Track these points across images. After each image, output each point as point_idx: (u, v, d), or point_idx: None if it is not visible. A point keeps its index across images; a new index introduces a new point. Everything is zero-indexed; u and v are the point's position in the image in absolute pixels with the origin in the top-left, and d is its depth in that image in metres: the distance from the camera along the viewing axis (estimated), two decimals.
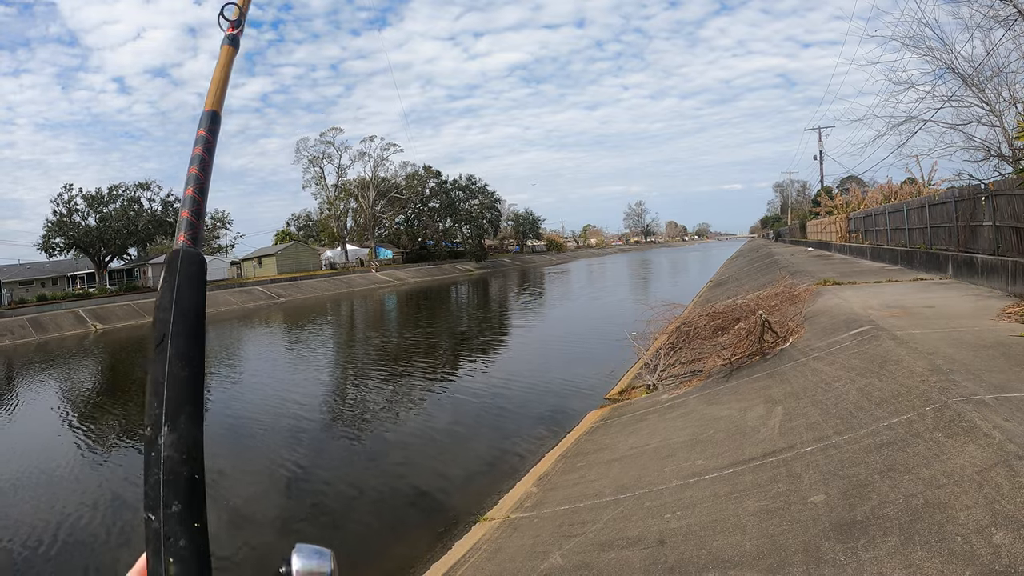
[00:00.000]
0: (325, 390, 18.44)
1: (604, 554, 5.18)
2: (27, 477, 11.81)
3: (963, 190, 16.10)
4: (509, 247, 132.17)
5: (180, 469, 1.01)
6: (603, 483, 7.26)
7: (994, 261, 13.00)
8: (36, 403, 20.05)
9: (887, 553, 3.69)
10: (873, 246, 27.35)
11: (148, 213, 64.65)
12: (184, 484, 1.00)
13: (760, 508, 4.94)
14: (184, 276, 1.18)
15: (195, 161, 1.38)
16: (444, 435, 12.48)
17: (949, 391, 5.63)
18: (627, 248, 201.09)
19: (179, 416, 1.05)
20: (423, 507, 9.01)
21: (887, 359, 7.39)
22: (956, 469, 4.31)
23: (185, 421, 1.05)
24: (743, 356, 10.64)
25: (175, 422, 1.04)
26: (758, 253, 54.01)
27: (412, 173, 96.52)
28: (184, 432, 1.04)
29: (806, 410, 6.87)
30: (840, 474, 4.96)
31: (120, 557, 8.19)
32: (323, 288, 66.56)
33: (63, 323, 44.44)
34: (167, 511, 0.97)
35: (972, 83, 15.72)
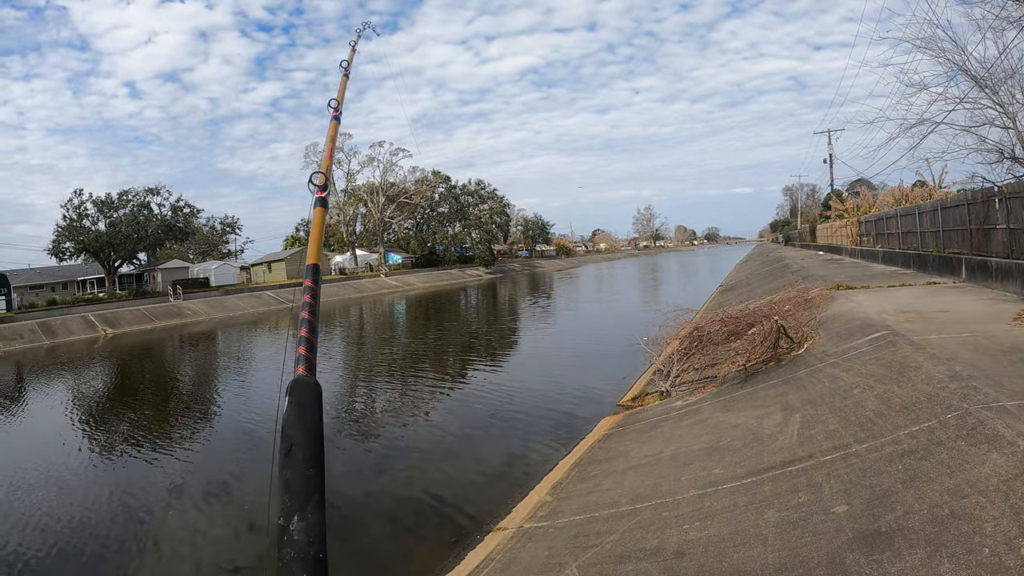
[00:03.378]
0: (335, 397, 18.41)
1: (622, 566, 5.12)
2: (37, 484, 11.81)
3: (976, 193, 15.97)
4: (518, 252, 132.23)
5: (308, 549, 1.26)
6: (618, 492, 7.20)
7: (1008, 264, 12.88)
8: (46, 408, 20.09)
9: (914, 566, 3.62)
10: (885, 250, 27.19)
11: (158, 218, 64.89)
12: (312, 561, 1.25)
13: (781, 519, 4.87)
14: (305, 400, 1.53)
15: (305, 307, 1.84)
16: (455, 442, 12.42)
17: (970, 398, 5.56)
18: (636, 253, 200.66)
19: (307, 507, 1.31)
20: (435, 516, 8.94)
21: (905, 365, 7.30)
22: (981, 478, 4.24)
23: (312, 511, 1.32)
24: (758, 362, 10.56)
25: (304, 512, 1.30)
26: (768, 257, 53.85)
27: (421, 178, 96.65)
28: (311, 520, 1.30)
29: (824, 417, 6.79)
30: (862, 484, 4.89)
31: (128, 566, 8.17)
32: (333, 293, 66.64)
33: (73, 327, 44.62)
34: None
35: (985, 85, 15.59)
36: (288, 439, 1.40)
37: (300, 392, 1.53)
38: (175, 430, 15.27)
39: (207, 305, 55.69)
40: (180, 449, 13.42)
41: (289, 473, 1.34)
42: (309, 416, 1.47)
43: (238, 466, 11.91)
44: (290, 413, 1.46)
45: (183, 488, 10.94)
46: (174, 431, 15.14)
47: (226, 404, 18.04)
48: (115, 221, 61.79)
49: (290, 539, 1.23)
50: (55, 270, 66.80)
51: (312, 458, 1.38)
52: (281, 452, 1.40)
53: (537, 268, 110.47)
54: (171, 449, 13.41)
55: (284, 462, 1.37)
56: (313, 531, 1.26)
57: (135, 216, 62.69)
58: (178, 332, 43.16)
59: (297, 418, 1.45)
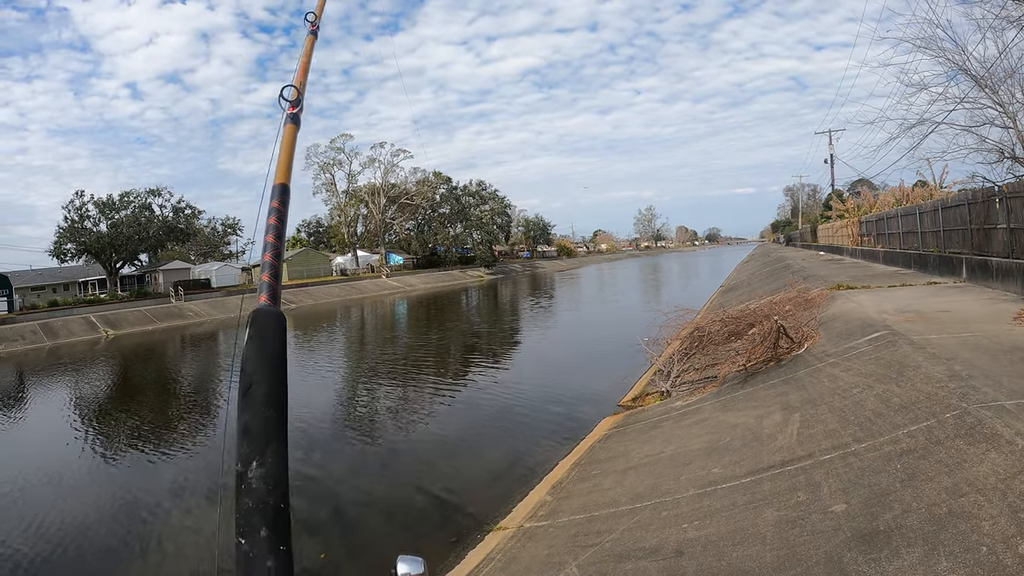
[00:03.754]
0: (337, 397, 18.45)
1: (621, 565, 5.13)
2: (40, 485, 11.83)
3: (977, 192, 15.97)
4: (519, 253, 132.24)
5: (267, 498, 1.16)
6: (618, 492, 7.21)
7: (1009, 264, 12.88)
8: (48, 410, 20.11)
9: (911, 564, 3.63)
10: (885, 250, 27.18)
11: (159, 220, 64.95)
12: (271, 511, 1.15)
13: (780, 518, 4.88)
14: (267, 333, 1.37)
15: (270, 230, 1.62)
16: (456, 442, 12.44)
17: (969, 397, 5.56)
18: (637, 253, 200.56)
19: (266, 452, 1.21)
20: (436, 516, 8.96)
21: (905, 365, 7.31)
22: (979, 477, 4.25)
23: (272, 456, 1.21)
24: (758, 362, 10.56)
25: (263, 457, 1.20)
26: (769, 258, 53.85)
27: (422, 179, 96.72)
28: (271, 466, 1.20)
29: (824, 417, 6.80)
30: (860, 483, 4.90)
31: (132, 565, 8.19)
32: (334, 294, 66.68)
33: (74, 329, 44.65)
34: (256, 536, 1.13)
35: (985, 84, 15.59)
36: (247, 376, 1.27)
37: (261, 324, 1.38)
38: (177, 430, 15.30)
39: (208, 306, 55.72)
40: (182, 449, 13.44)
41: (247, 415, 1.22)
42: (271, 350, 1.33)
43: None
44: (249, 347, 1.31)
45: (185, 488, 10.96)
46: (176, 431, 15.16)
47: (224, 405, 18.04)
48: (116, 222, 61.85)
49: (248, 488, 1.14)
50: (56, 271, 66.88)
51: (273, 397, 1.27)
52: (239, 391, 1.27)
53: (538, 269, 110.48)
54: (173, 449, 13.43)
55: (242, 402, 1.25)
56: (273, 479, 1.16)
57: (136, 217, 62.75)
58: (180, 333, 43.20)
59: (257, 352, 1.32)
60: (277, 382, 1.30)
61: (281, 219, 1.65)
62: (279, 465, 1.20)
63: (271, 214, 1.66)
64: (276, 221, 1.63)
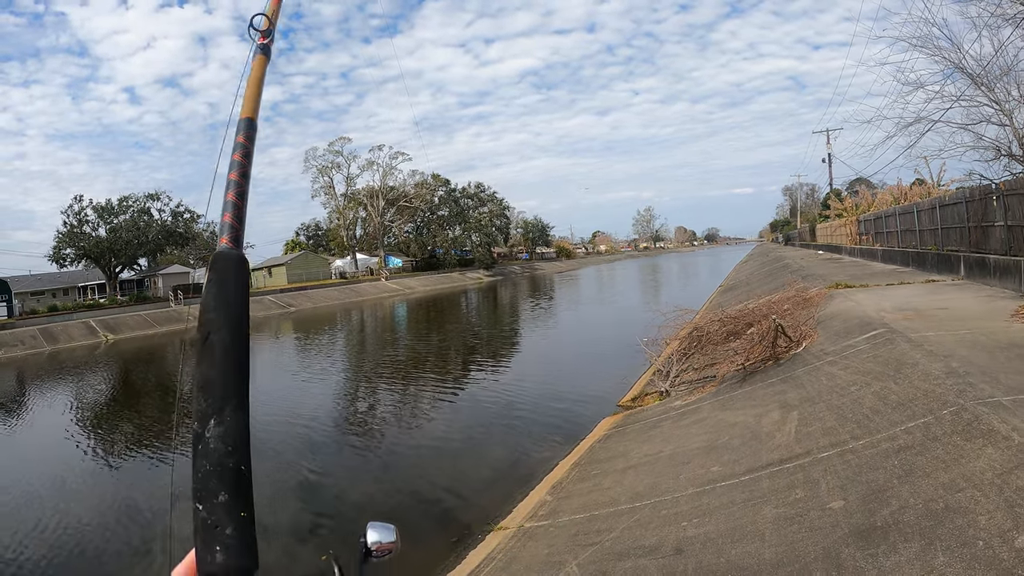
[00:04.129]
0: (337, 400, 18.47)
1: (621, 563, 5.15)
2: (41, 488, 11.84)
3: (974, 190, 16.02)
4: (518, 254, 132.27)
5: (226, 460, 1.06)
6: (618, 491, 7.23)
7: (1007, 261, 12.91)
8: (49, 414, 20.12)
9: (908, 559, 3.66)
10: (884, 248, 27.22)
11: (158, 224, 65.03)
12: (230, 475, 1.06)
13: (778, 515, 4.91)
14: (227, 276, 1.23)
15: (234, 167, 1.49)
16: (457, 444, 12.46)
17: (966, 394, 5.59)
18: (636, 254, 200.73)
19: (225, 409, 1.09)
20: (437, 516, 8.98)
21: (902, 362, 7.34)
22: (976, 473, 4.28)
23: (231, 413, 1.09)
24: (756, 361, 10.59)
25: (221, 415, 1.09)
26: (768, 257, 53.90)
27: (421, 181, 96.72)
28: (230, 424, 1.09)
29: (822, 415, 6.83)
30: (858, 479, 4.92)
31: (134, 567, 8.21)
32: (333, 297, 66.70)
33: (74, 333, 44.66)
34: (214, 501, 1.04)
35: (981, 82, 15.62)
36: (205, 325, 1.15)
37: (222, 267, 1.24)
38: (177, 438, 15.29)
39: None
40: (180, 455, 13.44)
41: (205, 367, 1.11)
42: (231, 296, 1.20)
43: None
44: (208, 293, 1.18)
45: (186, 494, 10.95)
46: (175, 439, 15.15)
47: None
48: (115, 227, 61.91)
49: (205, 448, 1.04)
50: (56, 276, 66.94)
51: (233, 348, 1.15)
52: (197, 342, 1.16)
53: (537, 270, 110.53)
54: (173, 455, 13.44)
55: (200, 354, 1.14)
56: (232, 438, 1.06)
57: (135, 222, 62.82)
58: (179, 337, 43.19)
59: (216, 299, 1.19)
60: (237, 331, 1.17)
61: (247, 155, 1.51)
62: (239, 423, 1.10)
63: (236, 150, 1.52)
64: (241, 158, 1.50)
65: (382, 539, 1.34)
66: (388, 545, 1.34)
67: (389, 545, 1.34)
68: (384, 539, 1.34)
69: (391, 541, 1.34)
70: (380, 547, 1.34)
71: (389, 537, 1.34)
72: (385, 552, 1.35)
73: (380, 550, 1.34)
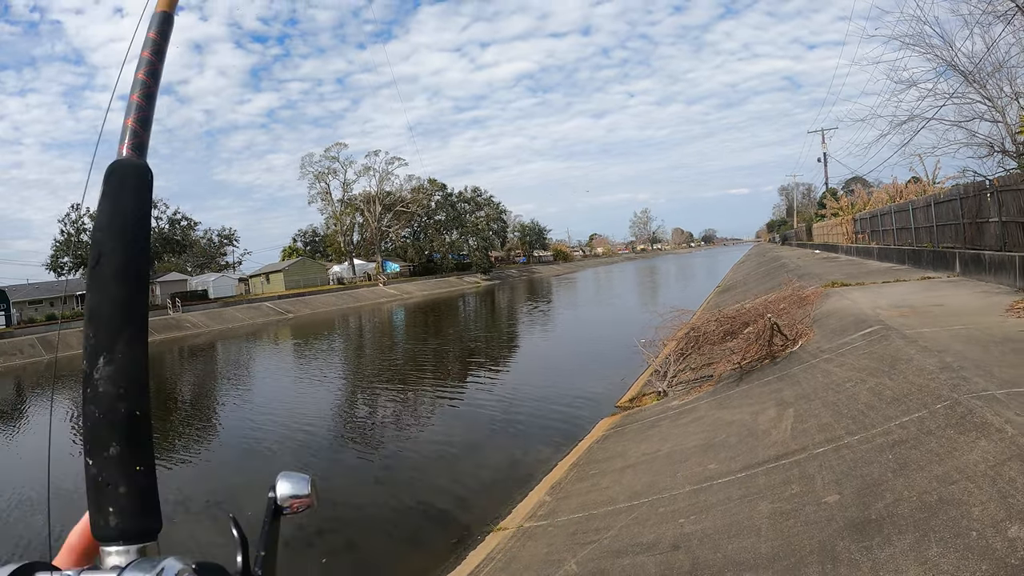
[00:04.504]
0: (336, 405, 18.47)
1: (619, 560, 5.18)
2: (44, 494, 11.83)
3: (968, 187, 16.08)
4: (516, 258, 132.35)
5: (118, 405, 0.90)
6: (616, 490, 7.26)
7: (1001, 257, 12.97)
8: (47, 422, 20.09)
9: (902, 551, 3.69)
10: (880, 246, 27.30)
11: (155, 231, 65.02)
12: (123, 422, 0.90)
13: (774, 510, 4.94)
14: (125, 190, 1.02)
15: (143, 65, 1.27)
16: (456, 447, 12.48)
17: (960, 388, 5.63)
18: (633, 256, 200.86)
19: (116, 344, 0.92)
20: (437, 518, 9.01)
21: (897, 358, 7.38)
22: (969, 465, 4.31)
23: (123, 349, 0.92)
24: (753, 360, 10.63)
25: (112, 351, 0.92)
26: (765, 257, 53.98)
27: (417, 186, 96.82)
28: (122, 362, 0.91)
29: (817, 411, 6.86)
30: (853, 474, 4.96)
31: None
32: (331, 303, 66.70)
33: (73, 342, 44.33)
34: (105, 455, 0.90)
35: (973, 79, 15.73)
36: (96, 247, 0.96)
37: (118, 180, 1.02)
38: (176, 442, 15.30)
39: (206, 317, 55.73)
40: (181, 461, 13.46)
41: (94, 295, 0.93)
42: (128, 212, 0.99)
43: (243, 476, 11.96)
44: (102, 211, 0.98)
45: (188, 500, 10.97)
46: (175, 443, 15.16)
47: (226, 416, 18.08)
48: None
49: (94, 392, 0.88)
50: (54, 285, 66.93)
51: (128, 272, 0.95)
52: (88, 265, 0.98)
53: (535, 274, 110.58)
54: (173, 461, 13.44)
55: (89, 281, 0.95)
56: (126, 378, 0.89)
57: None
58: (178, 345, 43.18)
59: (110, 216, 0.98)
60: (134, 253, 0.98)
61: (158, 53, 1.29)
62: (133, 359, 0.92)
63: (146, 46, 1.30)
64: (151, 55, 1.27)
65: (294, 492, 1.08)
66: (302, 500, 1.08)
67: (303, 500, 1.08)
68: (296, 492, 1.07)
69: (305, 494, 1.08)
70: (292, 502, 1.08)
71: (302, 489, 1.08)
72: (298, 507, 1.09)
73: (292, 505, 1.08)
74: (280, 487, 1.07)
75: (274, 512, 1.06)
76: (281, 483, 1.07)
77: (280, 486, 1.07)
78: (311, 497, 1.08)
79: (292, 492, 1.07)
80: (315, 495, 1.09)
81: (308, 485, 1.08)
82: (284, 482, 1.08)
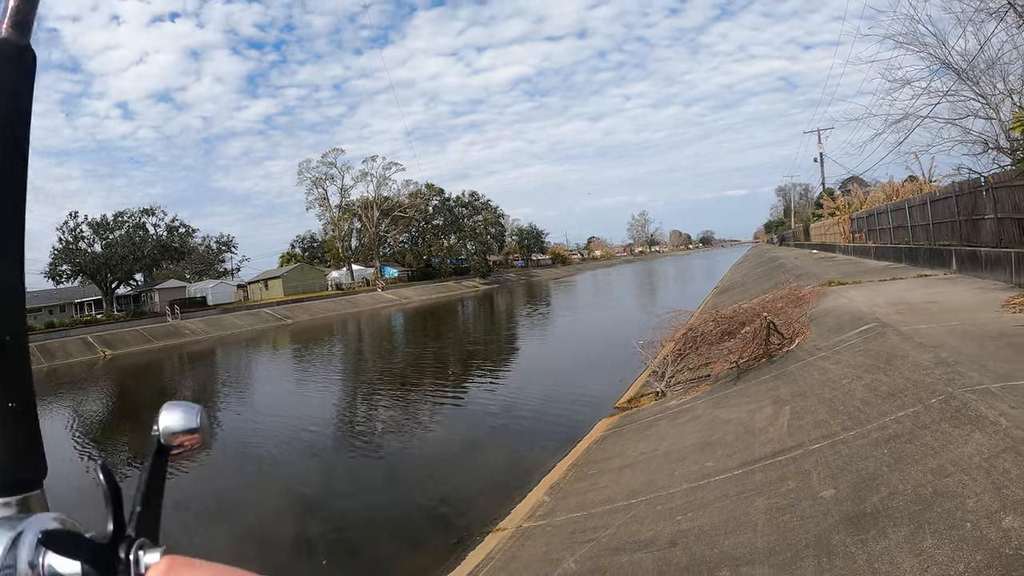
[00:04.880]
0: (337, 410, 18.47)
1: (617, 557, 5.19)
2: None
3: (963, 184, 16.14)
4: (514, 262, 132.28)
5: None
6: (614, 489, 7.27)
7: (997, 253, 13.00)
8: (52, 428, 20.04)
9: (897, 543, 3.71)
10: (877, 245, 27.34)
11: (154, 239, 65.21)
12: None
13: (770, 506, 4.95)
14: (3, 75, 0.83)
15: None
16: (456, 449, 12.49)
17: (955, 382, 5.65)
18: (632, 259, 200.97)
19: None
20: (436, 520, 9.02)
21: (893, 354, 7.40)
22: (964, 457, 4.33)
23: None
24: (750, 359, 10.65)
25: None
26: (763, 258, 54.04)
27: (415, 191, 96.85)
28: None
29: (814, 408, 6.89)
30: (849, 469, 4.98)
31: None
32: (330, 309, 66.69)
33: (72, 350, 44.63)
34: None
35: (967, 77, 15.78)
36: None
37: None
38: None
39: (205, 324, 55.70)
40: (180, 468, 13.45)
41: None
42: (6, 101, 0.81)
43: (243, 483, 11.97)
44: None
45: (189, 507, 10.97)
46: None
47: (228, 420, 18.08)
48: (111, 242, 62.04)
49: None
50: (52, 293, 66.87)
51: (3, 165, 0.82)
52: None
53: (533, 277, 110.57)
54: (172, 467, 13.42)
55: None
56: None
57: (131, 237, 62.96)
58: (177, 352, 43.18)
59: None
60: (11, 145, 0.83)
61: None
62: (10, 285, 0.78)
63: None
64: None
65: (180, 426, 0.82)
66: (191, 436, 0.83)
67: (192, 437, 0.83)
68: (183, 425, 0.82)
69: (192, 428, 0.82)
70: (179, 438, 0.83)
71: (189, 422, 0.82)
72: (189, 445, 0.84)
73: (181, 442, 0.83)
74: (163, 420, 0.82)
75: (158, 451, 0.82)
76: (165, 415, 0.82)
77: (163, 419, 0.82)
78: (200, 431, 0.84)
79: (178, 426, 0.82)
80: (206, 430, 0.85)
81: (197, 416, 0.83)
82: (168, 414, 0.83)
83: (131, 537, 0.69)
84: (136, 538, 0.69)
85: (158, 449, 0.82)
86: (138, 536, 0.69)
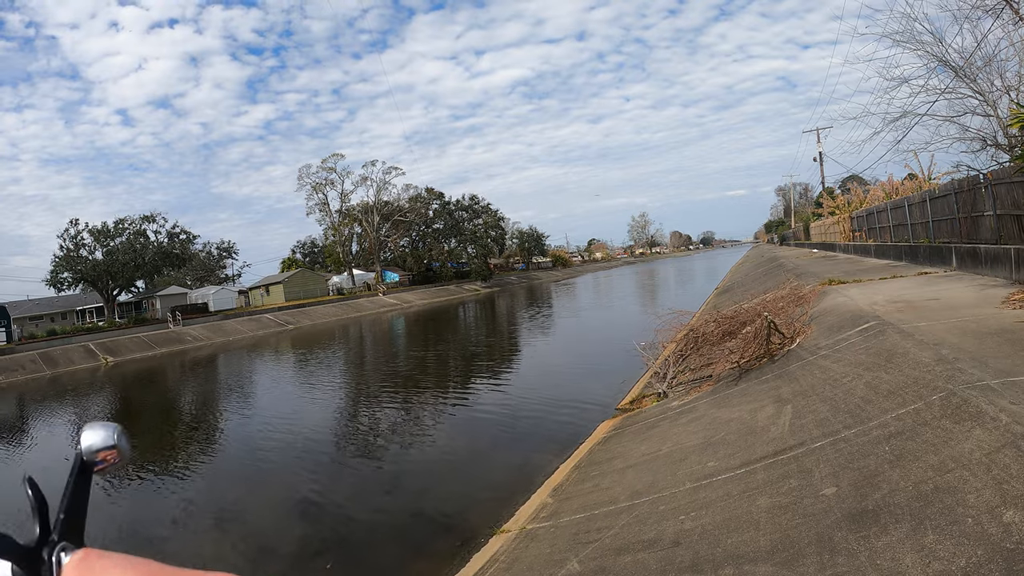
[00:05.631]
0: (340, 415, 18.49)
1: (620, 558, 5.21)
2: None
3: (962, 182, 16.15)
4: (515, 265, 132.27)
5: None
6: (617, 490, 7.29)
7: (997, 250, 13.01)
8: (52, 437, 20.10)
9: (899, 539, 3.72)
10: (877, 243, 27.35)
11: (154, 245, 65.17)
12: None
13: (773, 504, 4.97)
14: None
15: None
16: (459, 452, 12.51)
17: (955, 379, 5.67)
18: (633, 260, 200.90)
19: None
20: (441, 522, 9.04)
21: (893, 352, 7.42)
22: (964, 453, 4.35)
23: None
24: (751, 359, 10.66)
25: None
26: (763, 258, 54.03)
27: (415, 195, 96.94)
28: None
29: (815, 407, 6.91)
30: (850, 466, 4.99)
31: None
32: (331, 314, 66.68)
33: (74, 357, 44.66)
34: None
35: (964, 74, 15.81)
36: None
37: None
38: (180, 455, 15.33)
39: (207, 330, 55.72)
40: (184, 476, 13.48)
41: None
42: None
43: (246, 489, 11.99)
44: None
45: (191, 515, 10.99)
46: (179, 456, 15.19)
47: (230, 426, 18.11)
48: (112, 250, 62.04)
49: None
50: (54, 300, 67.03)
51: None
52: None
53: (534, 280, 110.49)
54: (176, 475, 13.46)
55: None
56: None
57: (132, 244, 62.97)
58: (179, 358, 43.18)
59: None
60: None
61: None
62: None
63: None
64: None
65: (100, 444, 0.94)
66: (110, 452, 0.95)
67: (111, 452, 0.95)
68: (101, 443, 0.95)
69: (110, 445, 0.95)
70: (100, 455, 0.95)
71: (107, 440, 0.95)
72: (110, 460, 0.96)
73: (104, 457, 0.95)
74: (85, 439, 0.94)
75: (81, 468, 0.94)
76: (87, 435, 0.95)
77: (85, 438, 0.95)
78: (117, 448, 0.95)
79: (99, 444, 0.95)
80: (123, 447, 0.97)
81: (114, 435, 0.96)
82: (89, 433, 0.95)
83: (54, 541, 0.81)
84: (59, 542, 0.81)
85: (81, 465, 0.93)
86: (61, 540, 0.81)
